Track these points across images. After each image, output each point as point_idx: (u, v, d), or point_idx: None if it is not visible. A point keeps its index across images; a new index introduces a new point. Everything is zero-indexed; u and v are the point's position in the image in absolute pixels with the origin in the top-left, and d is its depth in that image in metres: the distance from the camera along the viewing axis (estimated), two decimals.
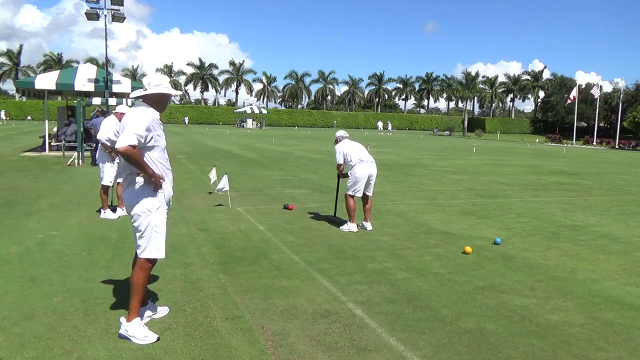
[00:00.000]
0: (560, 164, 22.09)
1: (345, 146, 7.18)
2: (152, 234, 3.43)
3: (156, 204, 3.44)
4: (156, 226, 3.45)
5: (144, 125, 3.31)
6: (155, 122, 3.41)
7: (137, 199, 3.41)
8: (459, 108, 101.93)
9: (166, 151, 3.60)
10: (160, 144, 3.47)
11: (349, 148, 7.15)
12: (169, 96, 3.58)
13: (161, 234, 3.48)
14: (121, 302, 4.04)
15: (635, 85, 72.57)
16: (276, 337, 3.51)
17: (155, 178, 3.39)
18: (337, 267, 5.19)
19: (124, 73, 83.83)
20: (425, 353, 3.33)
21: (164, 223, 3.50)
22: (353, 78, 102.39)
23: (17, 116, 67.94)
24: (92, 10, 18.10)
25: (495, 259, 5.68)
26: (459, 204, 9.68)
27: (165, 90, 3.49)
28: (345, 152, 7.09)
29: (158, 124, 3.47)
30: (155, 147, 3.44)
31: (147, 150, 3.41)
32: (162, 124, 3.58)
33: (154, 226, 3.44)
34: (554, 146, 44.87)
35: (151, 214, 3.43)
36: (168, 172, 3.57)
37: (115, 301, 4.06)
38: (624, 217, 8.73)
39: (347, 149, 7.14)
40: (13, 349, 3.19)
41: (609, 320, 3.98)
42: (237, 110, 73.89)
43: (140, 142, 3.29)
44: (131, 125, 3.28)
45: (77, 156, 15.04)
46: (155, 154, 3.45)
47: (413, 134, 64.50)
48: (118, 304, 3.99)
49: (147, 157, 3.40)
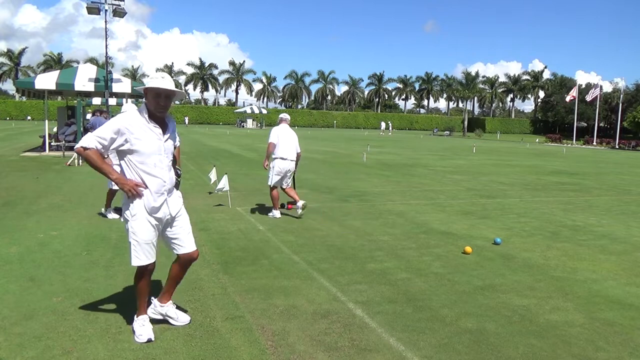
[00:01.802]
0: (560, 164, 22.09)
1: (280, 132, 7.64)
2: (131, 242, 3.32)
3: (133, 211, 3.28)
4: (133, 234, 3.30)
5: (110, 129, 3.18)
6: (132, 126, 3.21)
7: (123, 205, 3.37)
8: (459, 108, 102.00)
9: (160, 157, 3.32)
10: (139, 148, 3.22)
11: (282, 138, 7.63)
12: (154, 90, 3.25)
13: (139, 242, 3.29)
14: (121, 302, 4.04)
15: (635, 85, 72.73)
16: (276, 337, 3.51)
17: (120, 184, 3.23)
18: (337, 267, 5.19)
19: (124, 73, 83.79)
20: (425, 353, 3.33)
21: (142, 231, 3.29)
22: (353, 78, 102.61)
23: (17, 116, 67.93)
24: (93, 5, 18.11)
25: (495, 259, 5.68)
26: (459, 204, 9.68)
27: (148, 84, 3.26)
28: (276, 140, 7.60)
29: (139, 128, 3.23)
30: (134, 152, 3.23)
31: (124, 154, 3.27)
32: (157, 127, 3.31)
33: (132, 234, 3.31)
34: (554, 146, 44.87)
35: (128, 221, 3.31)
36: (152, 179, 3.29)
37: (115, 301, 4.06)
38: (624, 217, 8.73)
39: (280, 137, 7.62)
40: (13, 349, 3.19)
41: (609, 320, 3.98)
42: (237, 110, 73.95)
43: (103, 144, 3.17)
44: (98, 128, 3.25)
45: (77, 156, 15.05)
46: (136, 158, 3.25)
47: (413, 134, 64.49)
48: (118, 304, 3.99)
49: (125, 161, 3.28)
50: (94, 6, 18.07)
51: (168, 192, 3.40)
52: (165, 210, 3.38)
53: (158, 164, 3.32)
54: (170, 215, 3.43)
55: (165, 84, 3.30)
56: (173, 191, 3.49)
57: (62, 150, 17.66)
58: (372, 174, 14.64)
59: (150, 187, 3.29)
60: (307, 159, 19.61)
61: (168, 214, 3.41)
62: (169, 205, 3.41)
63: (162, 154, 3.34)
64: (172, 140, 3.48)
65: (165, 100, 3.31)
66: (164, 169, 3.36)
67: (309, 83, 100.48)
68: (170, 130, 3.44)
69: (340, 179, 13.10)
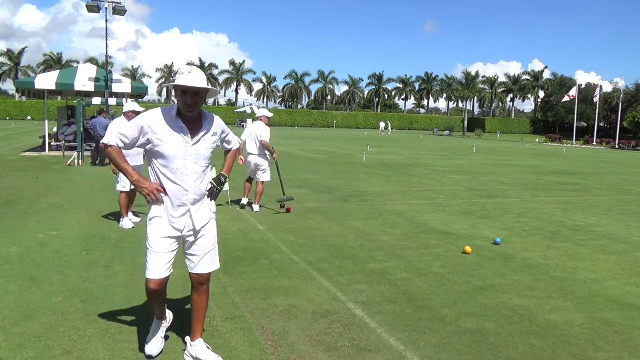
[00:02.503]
0: (560, 164, 22.09)
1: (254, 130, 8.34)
2: (145, 249, 3.01)
3: (150, 215, 3.01)
4: (147, 240, 2.99)
5: (134, 127, 2.92)
6: (156, 125, 2.89)
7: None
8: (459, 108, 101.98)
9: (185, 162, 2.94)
10: (163, 150, 2.90)
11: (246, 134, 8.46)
12: (179, 88, 2.87)
13: (150, 251, 2.96)
14: (121, 302, 4.04)
15: (635, 85, 72.70)
16: (276, 337, 3.51)
17: (139, 187, 2.95)
18: (337, 267, 5.19)
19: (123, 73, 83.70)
20: (425, 353, 3.33)
21: (154, 240, 2.95)
22: (353, 78, 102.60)
23: (17, 116, 67.95)
24: (93, 3, 18.11)
25: (495, 259, 5.68)
26: (459, 204, 9.68)
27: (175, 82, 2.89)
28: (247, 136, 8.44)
29: (164, 128, 2.90)
30: (157, 154, 2.93)
31: (151, 156, 2.98)
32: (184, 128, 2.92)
33: (146, 240, 3.00)
34: (554, 146, 44.87)
35: (147, 226, 3.02)
36: (173, 186, 2.94)
37: (115, 301, 4.06)
38: (624, 217, 8.73)
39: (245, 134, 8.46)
40: (13, 349, 3.19)
41: (609, 320, 3.98)
42: (237, 110, 73.87)
43: (125, 142, 2.91)
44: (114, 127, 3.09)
45: (77, 156, 15.04)
46: (160, 161, 2.95)
47: (413, 134, 64.50)
48: (118, 304, 3.99)
49: (152, 163, 3.00)
50: (93, 4, 18.06)
51: (193, 202, 2.99)
52: (186, 222, 3.00)
53: (182, 169, 2.94)
54: (194, 230, 3.03)
55: (190, 80, 2.87)
56: (202, 202, 3.06)
57: (62, 150, 17.66)
58: (372, 174, 14.65)
59: (170, 194, 2.95)
60: (307, 158, 19.61)
61: (191, 227, 3.02)
62: (193, 218, 3.01)
63: (188, 158, 2.94)
64: (208, 143, 3.04)
65: (193, 99, 2.89)
66: (190, 176, 2.96)
67: (309, 83, 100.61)
68: (204, 133, 3.00)
69: (340, 179, 13.11)
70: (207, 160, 3.07)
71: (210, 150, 3.06)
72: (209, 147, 3.04)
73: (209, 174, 3.12)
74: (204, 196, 3.06)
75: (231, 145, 3.33)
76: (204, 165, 3.03)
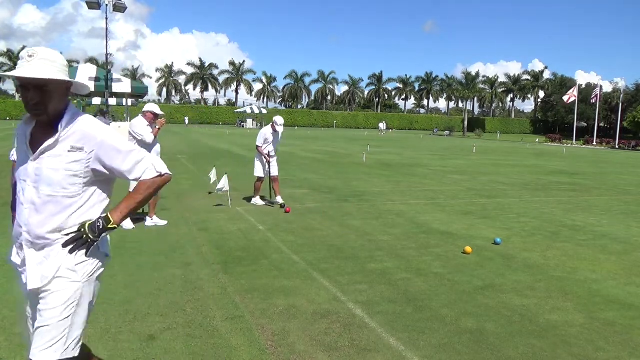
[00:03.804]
0: (560, 164, 22.10)
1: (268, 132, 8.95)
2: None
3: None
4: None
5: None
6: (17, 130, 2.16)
7: None
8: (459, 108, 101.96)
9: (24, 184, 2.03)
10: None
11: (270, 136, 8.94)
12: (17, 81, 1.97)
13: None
14: (121, 302, 4.04)
15: (635, 85, 72.74)
16: (276, 337, 3.51)
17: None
18: (337, 267, 5.19)
19: (123, 73, 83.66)
20: (425, 353, 3.33)
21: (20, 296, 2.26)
22: (353, 78, 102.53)
23: (17, 116, 67.94)
24: (93, 0, 18.12)
25: (495, 259, 5.68)
26: (459, 204, 9.68)
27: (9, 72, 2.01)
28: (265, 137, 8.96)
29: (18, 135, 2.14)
30: None
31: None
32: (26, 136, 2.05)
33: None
34: (554, 146, 44.87)
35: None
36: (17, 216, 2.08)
37: (115, 301, 4.06)
38: (624, 217, 8.73)
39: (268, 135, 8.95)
40: (13, 349, 3.19)
41: (609, 320, 3.98)
42: (237, 111, 73.99)
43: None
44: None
45: None
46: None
47: (413, 134, 64.50)
48: (118, 304, 3.99)
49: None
50: (94, 1, 18.07)
51: (29, 246, 2.03)
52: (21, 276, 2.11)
53: (19, 194, 2.03)
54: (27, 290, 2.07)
55: (27, 70, 1.90)
56: (50, 251, 2.02)
57: None
58: (372, 174, 14.65)
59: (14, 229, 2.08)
60: (307, 158, 19.61)
61: (24, 284, 2.08)
62: (27, 270, 2.04)
63: (25, 179, 2.00)
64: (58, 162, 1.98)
65: (35, 95, 1.93)
66: (24, 205, 2.00)
67: (309, 83, 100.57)
68: (49, 145, 1.97)
69: (340, 179, 13.11)
70: (59, 188, 1.99)
71: (63, 173, 1.98)
72: (58, 168, 1.97)
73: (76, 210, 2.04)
74: (53, 243, 2.02)
75: (132, 174, 2.07)
76: (49, 193, 1.98)
